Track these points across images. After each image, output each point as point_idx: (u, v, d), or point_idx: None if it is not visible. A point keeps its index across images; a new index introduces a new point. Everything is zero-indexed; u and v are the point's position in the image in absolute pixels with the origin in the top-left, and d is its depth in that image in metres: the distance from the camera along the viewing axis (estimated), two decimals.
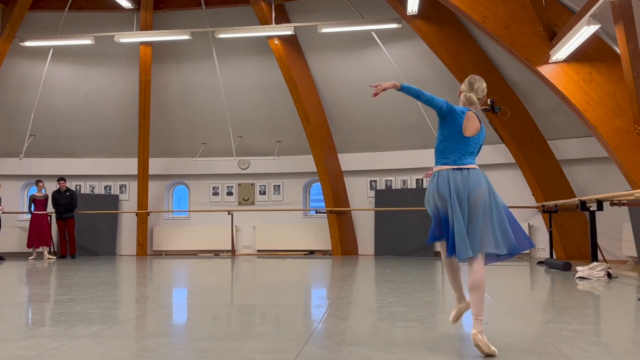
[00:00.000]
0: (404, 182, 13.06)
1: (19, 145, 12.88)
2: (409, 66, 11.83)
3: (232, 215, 13.06)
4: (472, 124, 3.64)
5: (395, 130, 12.69)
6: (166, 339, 3.84)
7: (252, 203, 13.71)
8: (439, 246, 3.80)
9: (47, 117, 13.08)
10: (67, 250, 12.46)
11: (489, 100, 10.67)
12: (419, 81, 11.83)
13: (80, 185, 13.86)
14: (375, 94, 3.70)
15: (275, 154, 13.26)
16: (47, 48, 12.43)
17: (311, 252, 13.01)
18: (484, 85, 3.86)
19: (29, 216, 12.61)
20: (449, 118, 3.67)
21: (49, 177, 13.12)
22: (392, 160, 12.92)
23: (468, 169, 3.57)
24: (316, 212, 13.34)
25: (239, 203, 13.74)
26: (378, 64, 12.11)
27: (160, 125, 13.36)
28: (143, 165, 13.14)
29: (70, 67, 13.10)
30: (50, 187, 12.76)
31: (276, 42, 11.98)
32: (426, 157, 12.63)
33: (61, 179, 12.58)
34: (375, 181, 13.21)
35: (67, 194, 12.50)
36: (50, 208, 12.49)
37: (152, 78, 12.82)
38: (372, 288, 6.81)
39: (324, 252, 12.98)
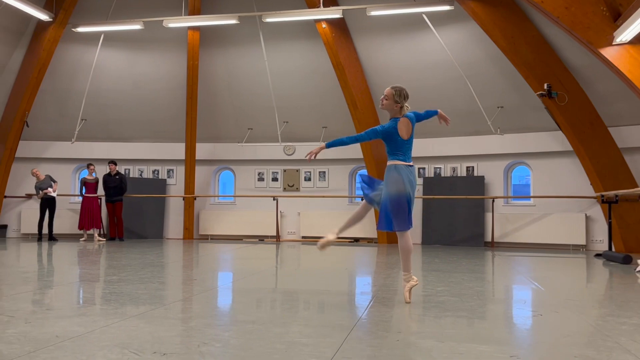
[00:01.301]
0: (454, 169, 12.84)
1: (71, 130, 13.36)
2: (461, 50, 11.57)
3: (277, 201, 13.18)
4: (406, 128, 4.62)
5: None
6: (212, 320, 3.91)
7: (297, 189, 13.79)
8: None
9: (97, 102, 13.49)
10: (116, 233, 12.88)
11: (545, 85, 10.35)
12: (471, 65, 11.58)
13: (129, 169, 14.27)
14: (309, 159, 4.74)
15: (321, 139, 13.24)
16: (98, 33, 12.80)
17: (356, 240, 13.00)
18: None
19: (80, 199, 13.10)
20: (387, 137, 4.61)
21: (100, 160, 13.58)
22: (441, 147, 12.71)
23: (412, 165, 4.70)
24: (362, 199, 13.27)
25: (284, 189, 13.85)
26: (428, 48, 11.90)
27: (207, 110, 13.58)
28: (190, 150, 13.41)
29: (120, 52, 13.45)
30: (101, 171, 13.20)
31: (324, 25, 11.93)
32: (477, 144, 12.40)
33: (112, 162, 12.98)
34: (423, 168, 13.04)
35: (117, 177, 12.89)
36: (100, 191, 12.93)
37: (199, 63, 13.02)
38: (419, 277, 6.72)
39: (369, 240, 12.95)
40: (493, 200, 12.06)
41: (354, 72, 12.33)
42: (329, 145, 4.61)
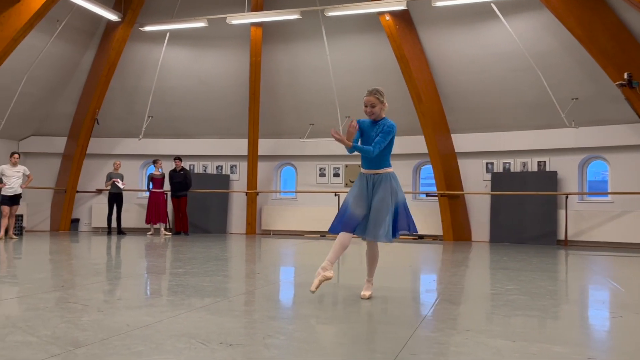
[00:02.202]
0: (524, 164, 12.44)
1: (139, 127, 13.89)
2: (533, 39, 11.18)
3: (338, 197, 13.21)
4: None
5: (515, 109, 12.09)
6: (276, 313, 3.97)
7: None
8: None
9: (163, 100, 13.97)
10: (181, 227, 13.30)
11: (625, 75, 9.84)
12: (543, 55, 11.17)
13: (193, 165, 14.69)
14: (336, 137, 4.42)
15: None
16: (164, 32, 13.24)
17: (420, 237, 12.84)
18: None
19: (147, 194, 13.62)
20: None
21: (165, 157, 14.05)
22: (511, 141, 12.34)
23: None
24: (427, 195, 13.12)
25: (346, 185, 13.85)
26: (496, 39, 11.57)
27: (269, 106, 13.77)
28: (252, 146, 13.66)
29: (184, 50, 13.86)
30: (167, 167, 13.66)
31: (387, 18, 11.84)
32: (549, 137, 11.96)
33: (177, 158, 13.41)
34: (491, 163, 12.71)
35: (182, 173, 13.30)
36: (167, 186, 13.39)
37: (261, 59, 13.22)
38: (487, 275, 6.59)
39: (434, 237, 12.76)
40: (567, 197, 11.60)
41: (419, 64, 12.16)
42: (354, 148, 4.52)
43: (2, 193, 10.95)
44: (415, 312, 4.14)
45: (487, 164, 12.71)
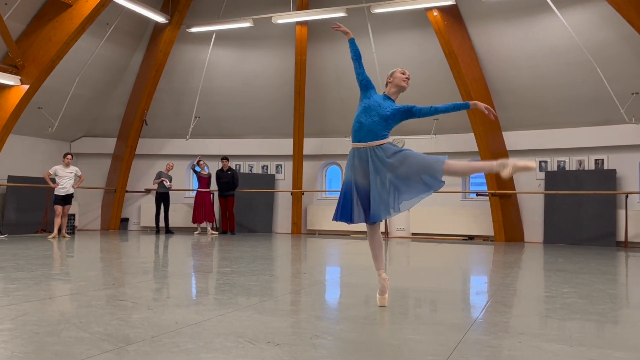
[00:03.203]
0: (580, 162, 12.06)
1: (186, 127, 14.19)
2: (589, 32, 10.82)
3: None
4: None
5: (570, 105, 11.74)
6: (322, 313, 3.98)
7: None
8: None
9: (209, 100, 14.22)
10: (228, 227, 13.50)
11: None
12: (600, 48, 10.80)
13: (239, 165, 14.89)
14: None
15: (432, 132, 13.02)
16: (210, 33, 13.48)
17: (470, 238, 12.63)
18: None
19: (194, 193, 13.90)
20: None
21: (212, 157, 14.31)
22: (566, 139, 11.99)
23: None
24: (477, 195, 12.89)
25: None
26: (550, 32, 11.27)
27: (314, 105, 13.82)
28: (298, 146, 13.74)
29: (230, 50, 14.07)
30: (213, 168, 13.91)
31: (435, 13, 11.69)
32: (607, 134, 11.57)
33: (224, 158, 13.62)
34: (545, 162, 12.37)
35: (229, 172, 13.51)
36: (213, 186, 13.63)
37: (307, 58, 13.29)
38: (541, 277, 6.42)
39: (485, 238, 12.52)
40: (626, 196, 11.18)
41: (468, 60, 11.96)
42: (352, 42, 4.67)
43: (55, 193, 11.39)
44: (465, 314, 4.07)
45: (540, 162, 12.38)
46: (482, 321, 3.68)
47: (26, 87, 11.22)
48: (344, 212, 4.24)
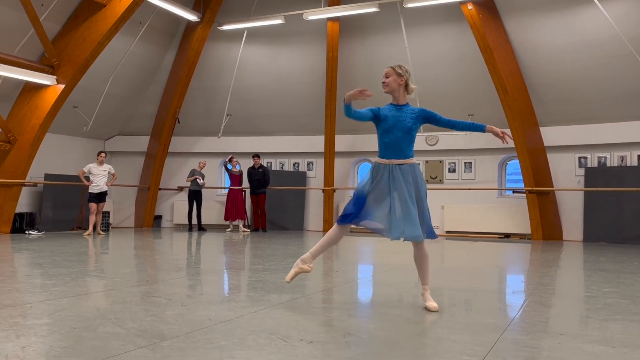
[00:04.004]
0: (622, 158, 11.75)
1: (217, 125, 14.34)
2: (631, 24, 10.52)
3: None
4: None
5: (611, 99, 11.45)
6: (355, 311, 3.97)
7: (441, 181, 13.51)
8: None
9: (241, 98, 14.33)
10: (259, 224, 13.60)
11: None
12: None
13: (271, 162, 14.98)
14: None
15: None
16: (242, 30, 13.58)
17: (507, 236, 12.44)
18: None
19: (226, 191, 14.04)
20: None
21: (244, 154, 14.42)
22: (607, 134, 11.69)
23: None
24: (513, 192, 12.69)
25: (426, 181, 13.61)
26: (589, 24, 11.00)
27: None
28: (329, 143, 13.74)
29: (261, 48, 14.15)
30: (245, 165, 14.02)
31: (470, 7, 11.54)
32: None
33: (256, 155, 13.72)
34: (585, 158, 12.09)
35: (260, 170, 13.60)
36: (245, 183, 13.75)
37: (338, 54, 13.27)
38: (580, 276, 6.28)
39: (521, 236, 12.32)
40: None
41: (504, 55, 11.76)
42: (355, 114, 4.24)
43: (89, 191, 11.65)
44: (502, 314, 4.01)
45: (579, 158, 12.11)
46: (519, 321, 3.62)
47: (62, 86, 11.50)
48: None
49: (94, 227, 11.71)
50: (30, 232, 11.60)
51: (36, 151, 11.66)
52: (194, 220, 13.69)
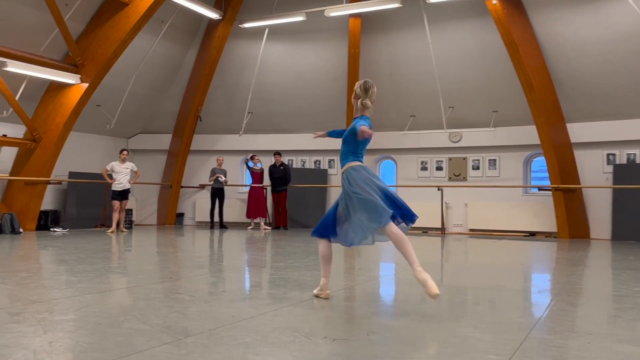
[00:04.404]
0: None
1: (239, 123, 14.41)
2: None
3: (441, 192, 12.95)
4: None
5: None
6: (378, 309, 3.96)
7: (464, 179, 13.40)
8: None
9: (262, 96, 14.37)
10: (280, 222, 13.65)
11: None
12: None
13: (292, 160, 15.00)
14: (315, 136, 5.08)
15: (491, 125, 12.73)
16: (263, 28, 13.61)
17: (532, 234, 12.29)
18: (376, 89, 4.46)
19: (247, 189, 14.10)
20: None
21: (265, 152, 14.47)
22: (636, 130, 11.46)
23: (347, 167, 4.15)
24: (539, 190, 12.53)
25: (450, 178, 13.54)
26: (619, 17, 10.79)
27: None
28: None
29: (283, 45, 14.17)
30: (266, 163, 14.07)
31: (494, 1, 11.41)
32: None
33: (277, 153, 13.76)
34: (613, 154, 11.88)
35: (282, 168, 13.63)
36: (266, 181, 13.79)
37: (360, 51, 13.23)
38: (609, 275, 6.18)
39: (547, 234, 12.16)
40: None
41: (529, 50, 11.61)
42: (330, 134, 4.91)
43: (112, 188, 11.80)
44: (528, 313, 3.96)
45: (608, 155, 11.90)
46: (546, 320, 3.58)
47: (85, 85, 11.66)
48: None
49: (117, 225, 11.86)
50: (55, 229, 11.79)
51: (60, 149, 11.84)
52: (216, 218, 13.79)
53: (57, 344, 2.77)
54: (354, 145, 4.23)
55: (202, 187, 15.18)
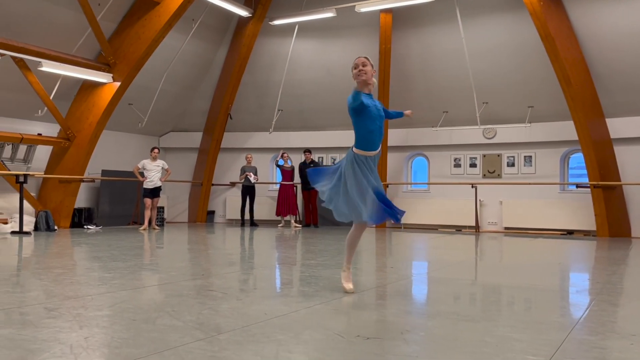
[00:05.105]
0: None
1: (269, 120, 14.47)
2: None
3: (475, 189, 12.78)
4: None
5: None
6: (412, 308, 3.93)
7: (499, 176, 13.20)
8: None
9: (292, 92, 14.41)
10: (311, 220, 13.67)
11: None
12: None
13: (322, 157, 15.01)
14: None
15: (527, 120, 12.51)
16: (293, 25, 13.64)
17: (570, 233, 12.05)
18: (356, 64, 4.58)
19: (277, 187, 14.16)
20: None
21: (295, 149, 14.50)
22: None
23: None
24: (577, 187, 12.27)
25: (484, 175, 13.36)
26: None
27: (400, 94, 13.64)
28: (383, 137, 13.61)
29: (312, 42, 14.17)
30: (296, 160, 14.10)
31: None
32: None
33: (307, 150, 13.78)
34: None
35: (312, 165, 13.65)
36: (296, 179, 13.83)
37: (391, 46, 13.15)
38: None
39: (585, 233, 11.90)
40: None
41: (566, 43, 11.36)
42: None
43: (144, 186, 12.00)
44: (567, 312, 3.88)
45: None
46: (586, 320, 3.49)
47: (118, 84, 11.85)
48: (381, 212, 4.17)
49: (149, 222, 12.04)
50: (89, 226, 12.04)
51: (94, 148, 12.07)
52: (247, 216, 13.88)
53: (92, 339, 2.82)
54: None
55: (233, 184, 15.30)
